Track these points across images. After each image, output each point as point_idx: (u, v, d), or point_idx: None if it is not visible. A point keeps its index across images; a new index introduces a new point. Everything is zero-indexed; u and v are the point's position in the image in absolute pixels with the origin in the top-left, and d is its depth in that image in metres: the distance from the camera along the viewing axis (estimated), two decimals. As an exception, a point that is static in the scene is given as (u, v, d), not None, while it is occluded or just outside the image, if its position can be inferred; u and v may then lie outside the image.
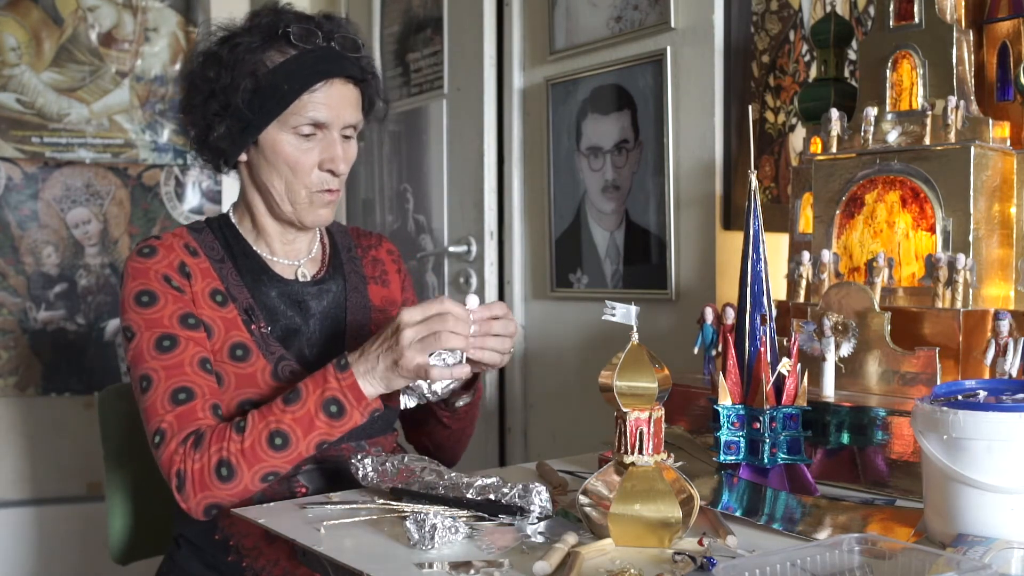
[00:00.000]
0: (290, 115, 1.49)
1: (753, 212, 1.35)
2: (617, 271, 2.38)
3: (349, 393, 1.39)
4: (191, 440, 1.39)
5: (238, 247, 1.59)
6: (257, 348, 1.51)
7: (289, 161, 1.51)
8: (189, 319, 1.48)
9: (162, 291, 1.48)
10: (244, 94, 1.47)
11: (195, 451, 1.38)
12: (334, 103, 1.51)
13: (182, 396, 1.42)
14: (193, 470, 1.37)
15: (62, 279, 3.15)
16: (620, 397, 1.16)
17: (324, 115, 1.50)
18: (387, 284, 1.72)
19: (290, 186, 1.53)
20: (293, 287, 1.59)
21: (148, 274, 1.49)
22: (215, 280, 1.53)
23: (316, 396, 1.39)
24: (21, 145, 3.10)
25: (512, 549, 1.14)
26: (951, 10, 1.56)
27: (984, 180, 1.48)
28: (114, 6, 3.21)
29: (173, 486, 1.39)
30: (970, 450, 1.07)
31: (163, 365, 1.44)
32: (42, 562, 3.05)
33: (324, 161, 1.52)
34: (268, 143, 1.51)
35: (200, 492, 1.38)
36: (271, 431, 1.38)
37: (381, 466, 1.39)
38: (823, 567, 0.98)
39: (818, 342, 1.50)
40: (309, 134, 1.50)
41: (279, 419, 1.38)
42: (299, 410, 1.38)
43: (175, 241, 1.54)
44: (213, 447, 1.38)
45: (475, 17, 2.73)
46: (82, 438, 3.02)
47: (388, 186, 3.16)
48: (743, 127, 2.08)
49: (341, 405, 1.39)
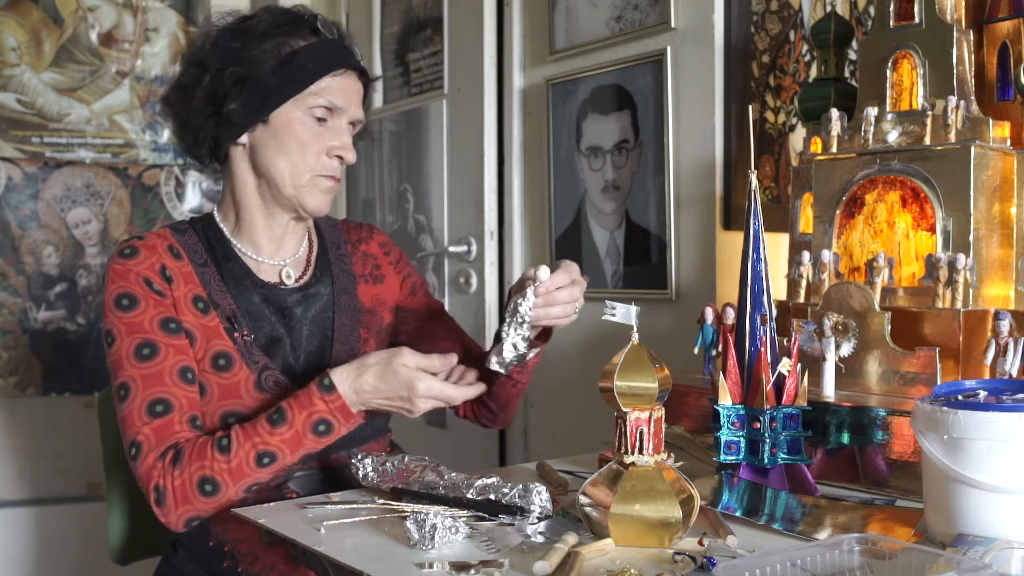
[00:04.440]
0: (309, 95, 1.51)
1: (753, 212, 1.35)
2: (617, 271, 2.38)
3: (338, 414, 1.42)
4: (170, 455, 1.40)
5: (221, 249, 1.57)
6: (240, 357, 1.50)
7: (301, 141, 1.52)
8: (170, 323, 1.47)
9: (143, 294, 1.47)
10: (269, 66, 1.49)
11: (174, 467, 1.39)
12: (349, 92, 1.55)
13: (159, 408, 1.42)
14: (174, 486, 1.38)
15: (62, 279, 3.16)
16: (620, 397, 1.16)
17: (341, 100, 1.53)
18: (380, 280, 1.70)
19: (296, 167, 1.53)
20: (277, 293, 1.57)
21: (129, 276, 1.48)
22: (197, 286, 1.52)
23: (303, 418, 1.40)
24: (21, 145, 3.10)
25: (512, 549, 1.14)
26: (951, 10, 1.56)
27: (984, 180, 1.48)
28: (114, 6, 3.21)
29: (152, 500, 1.40)
30: (970, 450, 1.07)
31: (141, 374, 1.43)
32: (42, 562, 3.05)
33: (333, 148, 1.54)
34: (282, 121, 1.52)
35: (181, 506, 1.39)
36: (259, 452, 1.39)
37: (381, 466, 1.39)
38: (823, 567, 0.98)
39: (818, 342, 1.50)
40: (322, 118, 1.53)
41: (266, 441, 1.40)
42: (287, 432, 1.40)
43: (158, 242, 1.52)
44: (194, 464, 1.38)
45: (475, 17, 2.73)
46: (82, 438, 3.01)
47: (388, 186, 3.16)
48: (743, 127, 2.08)
49: (329, 424, 1.42)
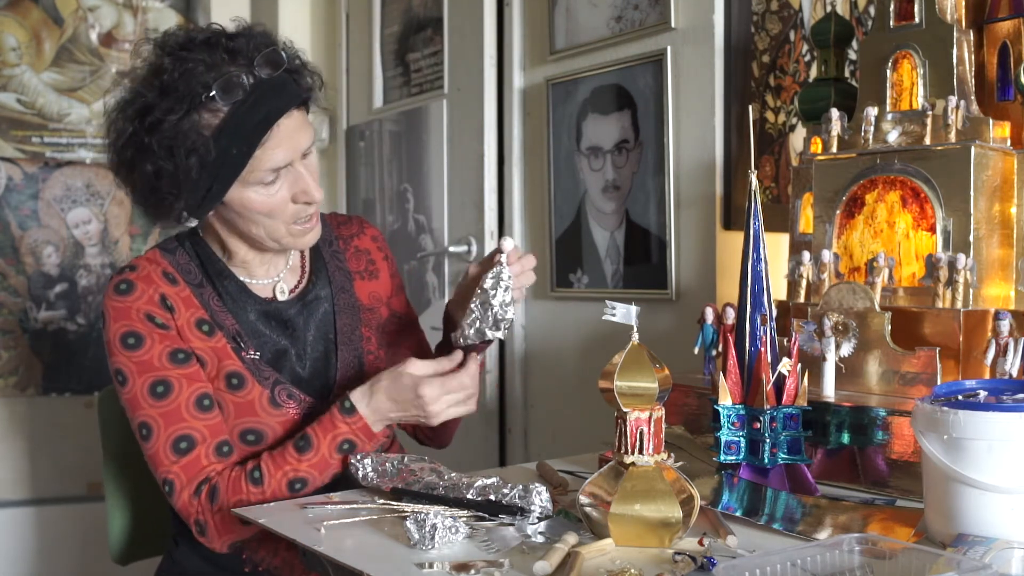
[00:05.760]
0: (248, 173, 1.41)
1: (753, 212, 1.35)
2: (617, 271, 2.38)
3: (361, 434, 1.46)
4: (204, 491, 1.43)
5: (213, 268, 1.53)
6: (251, 376, 1.49)
7: (263, 210, 1.45)
8: (179, 354, 1.46)
9: (147, 331, 1.45)
10: (193, 174, 1.38)
11: (211, 503, 1.43)
12: (287, 141, 1.42)
13: (183, 445, 1.44)
14: (214, 520, 1.44)
15: (62, 279, 3.15)
16: (620, 397, 1.16)
17: (282, 158, 1.42)
18: (375, 275, 1.68)
19: (270, 229, 1.47)
20: (275, 306, 1.55)
21: (130, 314, 1.45)
22: (199, 309, 1.49)
23: (328, 441, 1.44)
24: (21, 145, 3.10)
25: (512, 549, 1.14)
26: (951, 10, 1.56)
27: (984, 180, 1.48)
28: (114, 6, 3.21)
29: (194, 532, 1.46)
30: (970, 450, 1.07)
31: (160, 412, 1.44)
32: (42, 562, 3.05)
33: (297, 195, 1.46)
34: (235, 202, 1.44)
35: (224, 536, 1.45)
36: (290, 480, 1.43)
37: (381, 466, 1.40)
38: (823, 567, 0.98)
39: (818, 342, 1.50)
40: (271, 181, 1.43)
41: (296, 468, 1.43)
42: (313, 457, 1.44)
43: (152, 270, 1.49)
44: (232, 499, 1.42)
45: (475, 17, 2.73)
46: (82, 438, 3.01)
47: (388, 186, 3.15)
48: (743, 127, 2.08)
49: (353, 443, 1.46)
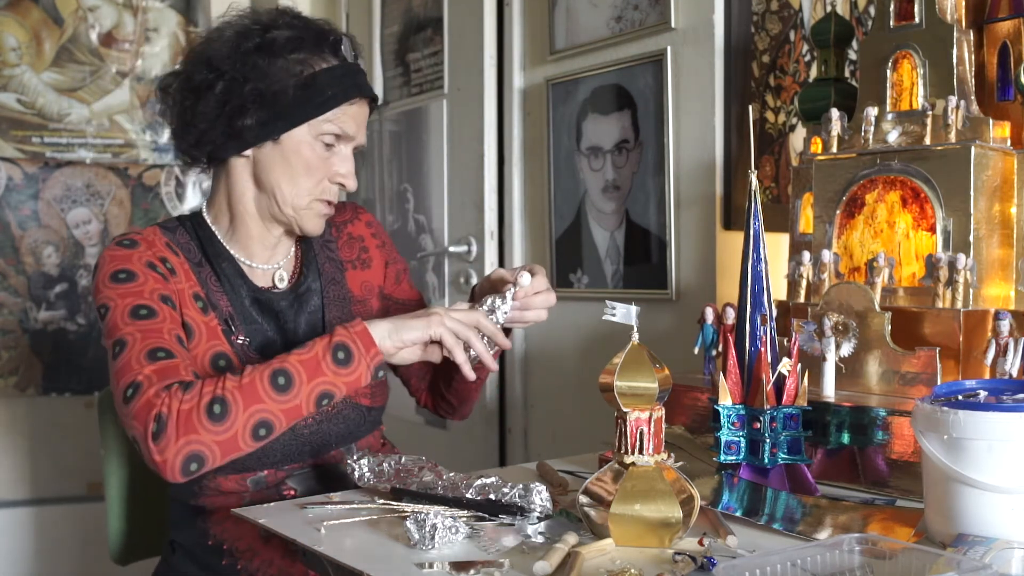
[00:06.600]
0: (323, 121, 1.47)
1: (753, 212, 1.35)
2: (617, 271, 2.38)
3: (359, 339, 1.34)
4: (176, 386, 1.30)
5: (212, 249, 1.52)
6: (239, 362, 1.46)
7: (309, 165, 1.48)
8: (169, 300, 1.42)
9: (142, 272, 1.43)
10: (290, 86, 1.44)
11: (184, 392, 1.28)
12: (360, 120, 1.52)
13: (161, 354, 1.34)
14: (180, 410, 1.26)
15: (62, 279, 3.16)
16: (620, 397, 1.16)
17: (352, 129, 1.50)
18: (368, 265, 1.66)
19: (298, 189, 1.49)
20: (268, 296, 1.55)
21: (130, 259, 1.43)
22: (196, 284, 1.49)
23: (324, 343, 1.34)
24: (21, 145, 3.10)
25: (512, 549, 1.14)
26: (951, 10, 1.56)
27: (984, 180, 1.48)
28: (114, 6, 3.21)
29: (148, 432, 1.26)
30: (970, 450, 1.07)
31: (139, 329, 1.36)
32: (42, 562, 3.06)
33: (337, 174, 1.50)
34: (292, 143, 1.47)
35: (183, 436, 1.26)
36: (274, 370, 1.32)
37: (378, 467, 1.39)
38: (823, 567, 0.98)
39: (818, 342, 1.50)
40: (330, 144, 1.49)
41: (283, 359, 1.33)
42: (305, 354, 1.33)
43: (155, 238, 1.49)
44: (206, 388, 1.29)
45: (475, 17, 2.73)
46: (82, 438, 3.02)
47: (388, 186, 3.16)
48: (743, 127, 2.08)
49: (349, 351, 1.34)
